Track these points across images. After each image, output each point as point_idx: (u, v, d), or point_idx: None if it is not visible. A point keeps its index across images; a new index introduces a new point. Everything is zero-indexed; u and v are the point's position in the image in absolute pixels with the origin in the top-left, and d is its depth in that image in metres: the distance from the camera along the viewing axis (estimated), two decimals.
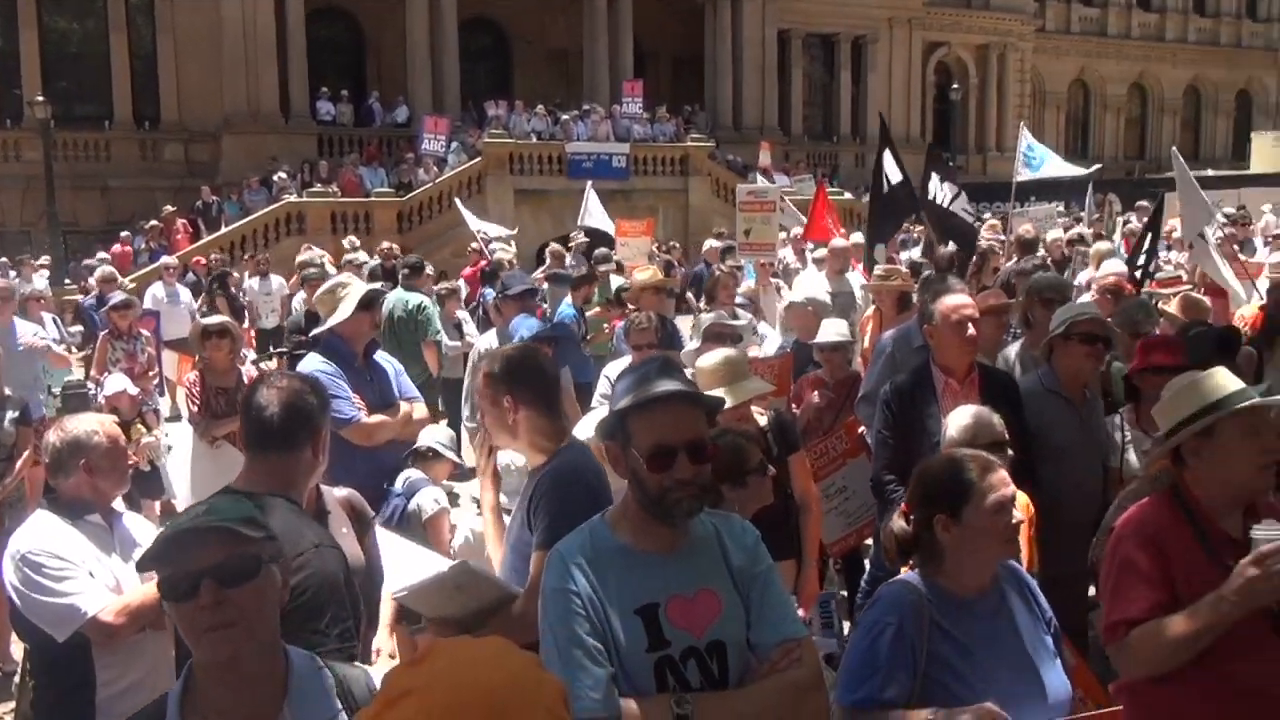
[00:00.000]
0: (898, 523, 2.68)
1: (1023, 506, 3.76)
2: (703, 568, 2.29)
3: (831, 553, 5.37)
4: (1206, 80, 48.51)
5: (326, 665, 2.04)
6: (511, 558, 3.03)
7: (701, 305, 10.28)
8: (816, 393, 5.49)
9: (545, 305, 10.47)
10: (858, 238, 11.89)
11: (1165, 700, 2.62)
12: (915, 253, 13.50)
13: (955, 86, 36.16)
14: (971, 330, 4.20)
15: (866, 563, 5.56)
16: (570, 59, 32.81)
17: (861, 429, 5.18)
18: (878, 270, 7.67)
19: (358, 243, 17.33)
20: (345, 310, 4.79)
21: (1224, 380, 2.73)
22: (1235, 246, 12.20)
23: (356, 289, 4.95)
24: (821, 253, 12.13)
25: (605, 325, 8.06)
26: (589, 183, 15.60)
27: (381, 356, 5.03)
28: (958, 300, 4.29)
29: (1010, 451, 3.59)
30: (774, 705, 2.18)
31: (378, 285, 7.28)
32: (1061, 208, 21.94)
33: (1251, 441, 2.64)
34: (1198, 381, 2.77)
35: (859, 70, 37.23)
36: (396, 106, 28.45)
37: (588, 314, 8.96)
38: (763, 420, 4.35)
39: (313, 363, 4.65)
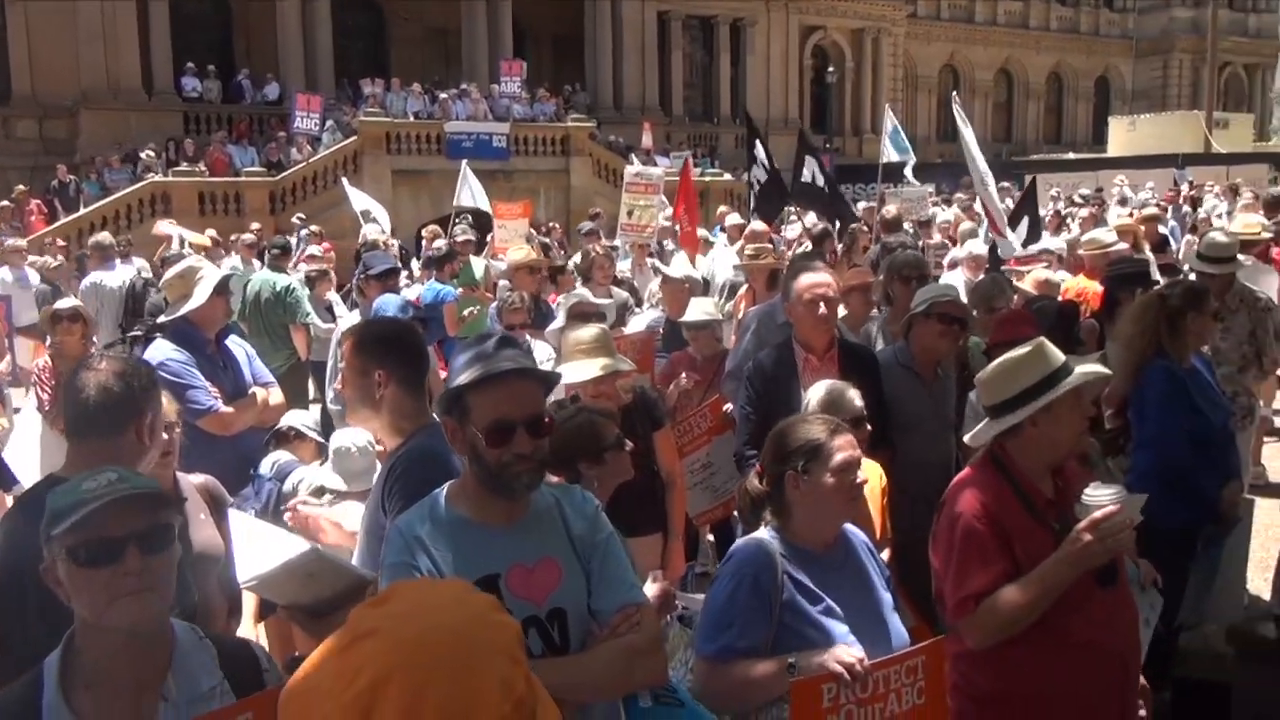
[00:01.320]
0: (752, 481, 2.79)
1: (877, 476, 3.90)
2: (543, 537, 2.32)
3: (698, 524, 5.45)
4: (1068, 67, 50.57)
5: (207, 636, 2.07)
6: (366, 542, 2.98)
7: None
8: (684, 374, 5.56)
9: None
10: (735, 218, 12.07)
11: (1005, 659, 2.75)
12: (794, 230, 13.74)
13: (831, 70, 36.92)
14: (824, 309, 4.29)
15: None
16: (449, 37, 32.29)
17: (727, 406, 5.27)
18: (748, 249, 7.79)
19: (175, 222, 16.61)
20: (201, 295, 4.63)
21: (1053, 354, 2.85)
22: (1093, 225, 12.82)
23: (210, 274, 4.80)
24: (700, 232, 12.28)
25: (472, 308, 7.99)
26: (464, 162, 15.40)
27: (233, 342, 4.90)
28: (813, 279, 4.37)
29: (869, 426, 3.71)
30: (610, 668, 2.22)
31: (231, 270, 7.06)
32: (933, 189, 22.63)
33: (1077, 411, 2.80)
34: (1029, 357, 2.87)
35: (738, 52, 37.63)
36: (267, 84, 27.55)
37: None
38: (628, 397, 4.39)
39: (163, 350, 4.49)
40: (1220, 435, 4.46)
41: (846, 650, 2.40)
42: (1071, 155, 37.74)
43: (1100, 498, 2.61)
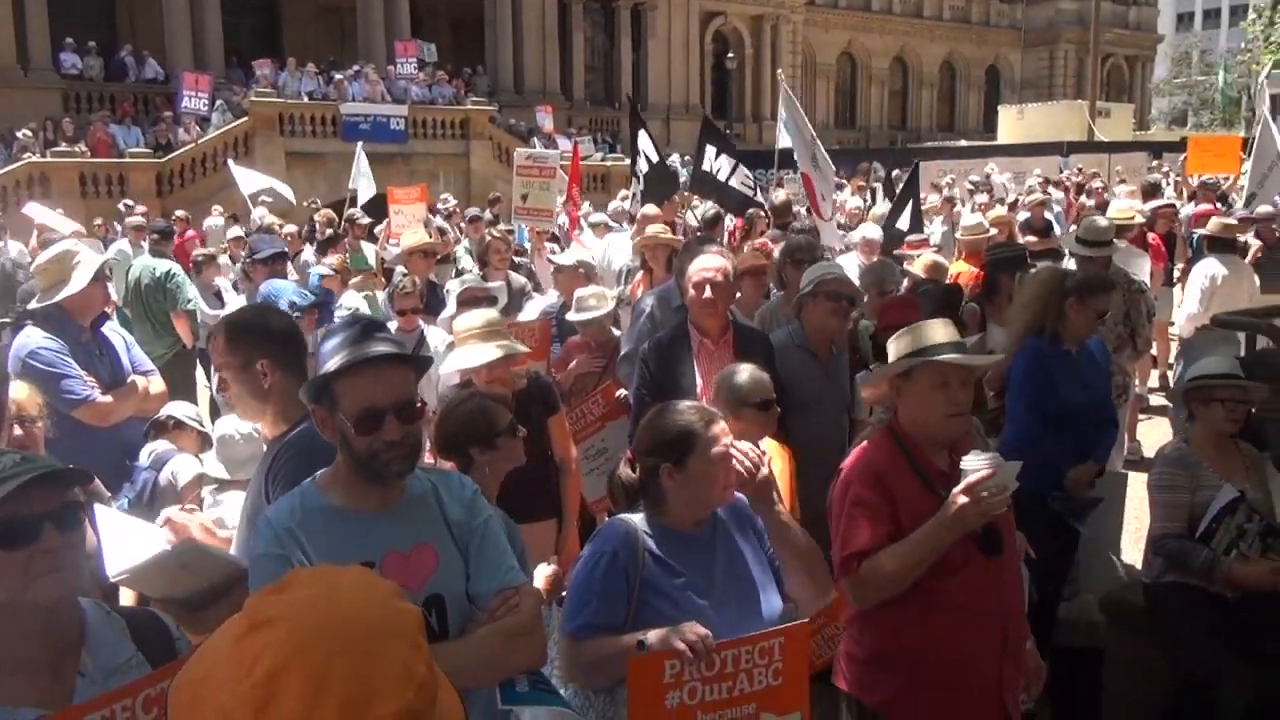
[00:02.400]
0: (624, 470, 2.78)
1: (786, 459, 3.94)
2: (419, 524, 2.29)
3: (594, 511, 5.45)
4: (960, 56, 51.89)
5: (113, 610, 2.09)
6: (247, 531, 2.90)
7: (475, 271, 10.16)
8: (576, 359, 5.55)
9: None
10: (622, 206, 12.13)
11: (886, 620, 2.83)
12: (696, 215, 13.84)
13: (731, 56, 37.17)
14: (710, 293, 4.29)
15: None
16: (344, 16, 31.59)
17: (620, 391, 5.27)
18: (648, 229, 7.80)
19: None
20: (80, 281, 4.44)
21: (932, 333, 2.91)
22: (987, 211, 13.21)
23: (89, 259, 4.59)
24: (598, 217, 12.27)
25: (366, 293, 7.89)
26: (359, 145, 15.11)
27: (110, 328, 4.71)
28: (702, 263, 4.38)
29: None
30: (487, 651, 2.21)
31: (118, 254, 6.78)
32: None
33: (940, 393, 2.82)
34: (913, 331, 2.94)
35: (639, 37, 37.64)
36: (146, 61, 26.58)
37: (350, 283, 8.69)
38: (522, 382, 4.36)
39: (33, 337, 4.28)
40: (1086, 415, 4.58)
41: (691, 628, 2.41)
42: (964, 143, 38.70)
43: (976, 463, 2.67)
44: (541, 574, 3.22)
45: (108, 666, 1.97)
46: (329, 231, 10.82)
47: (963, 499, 2.63)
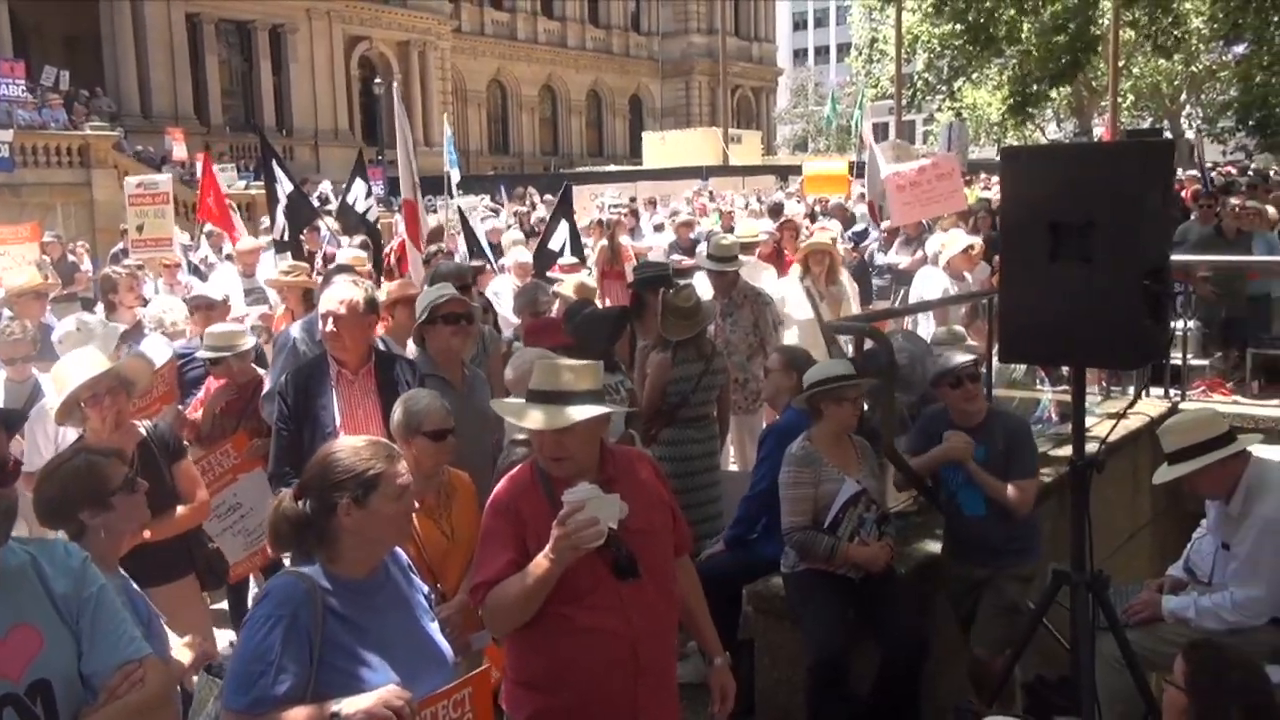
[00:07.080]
0: (289, 504, 2.54)
1: (468, 484, 3.88)
2: (16, 602, 2.02)
3: (234, 576, 5.01)
4: (604, 85, 54.22)
5: None
6: None
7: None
8: (210, 397, 5.21)
9: None
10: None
11: (524, 642, 2.85)
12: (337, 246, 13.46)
13: (379, 81, 36.61)
14: (330, 326, 4.17)
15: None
16: None
17: (254, 440, 5.00)
18: (281, 266, 7.53)
19: None
20: None
21: (533, 381, 2.91)
22: (629, 232, 13.83)
23: None
24: (247, 243, 11.62)
25: None
26: None
27: None
28: (325, 296, 4.29)
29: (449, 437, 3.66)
30: None
31: None
32: (488, 199, 23.24)
33: (536, 437, 2.86)
34: (529, 378, 2.95)
35: (280, 60, 36.21)
36: None
37: None
38: (143, 432, 4.03)
39: None
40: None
41: (394, 693, 2.29)
42: (613, 167, 40.40)
43: (572, 496, 2.65)
44: (187, 647, 2.94)
45: None
46: None
47: (557, 531, 2.63)
